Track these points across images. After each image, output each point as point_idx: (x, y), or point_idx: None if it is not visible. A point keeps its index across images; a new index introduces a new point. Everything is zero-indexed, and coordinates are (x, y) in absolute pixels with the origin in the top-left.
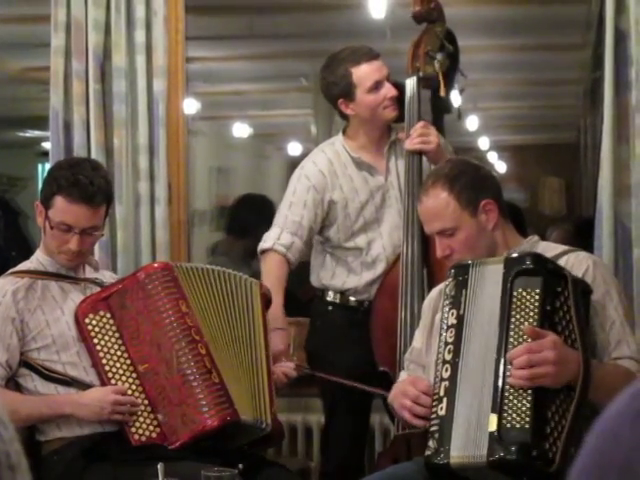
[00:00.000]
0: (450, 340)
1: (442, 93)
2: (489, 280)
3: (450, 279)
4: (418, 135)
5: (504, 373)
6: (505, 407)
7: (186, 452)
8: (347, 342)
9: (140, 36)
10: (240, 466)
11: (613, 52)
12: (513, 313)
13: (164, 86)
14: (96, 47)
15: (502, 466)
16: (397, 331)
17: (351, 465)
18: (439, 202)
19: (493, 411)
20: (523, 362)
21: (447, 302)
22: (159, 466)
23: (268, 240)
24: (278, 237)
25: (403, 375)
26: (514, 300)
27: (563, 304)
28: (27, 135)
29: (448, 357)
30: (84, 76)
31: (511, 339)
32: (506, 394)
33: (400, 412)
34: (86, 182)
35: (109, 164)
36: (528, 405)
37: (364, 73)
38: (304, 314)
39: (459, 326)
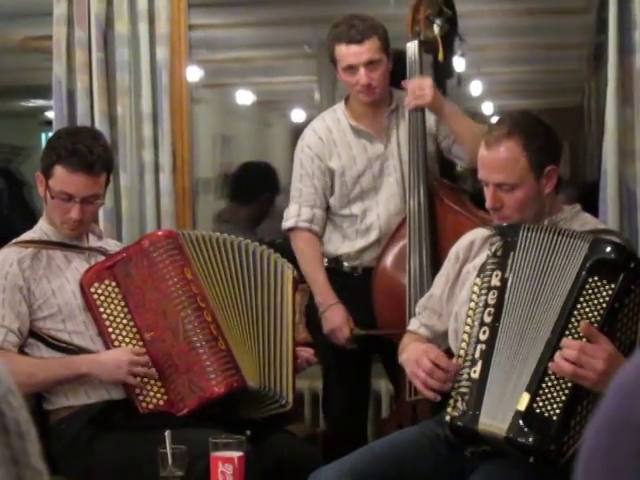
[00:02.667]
0: (492, 302)
1: (440, 58)
2: (565, 253)
3: (497, 237)
4: (411, 92)
5: (551, 357)
6: (541, 391)
7: (193, 419)
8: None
9: (142, 4)
10: (248, 432)
11: (617, 15)
12: (581, 300)
13: (167, 54)
14: (98, 15)
15: (516, 445)
16: (404, 295)
17: (353, 431)
18: (511, 155)
19: (528, 390)
20: (571, 357)
21: (492, 261)
22: (167, 433)
23: (290, 219)
24: (298, 213)
25: (414, 323)
26: (586, 287)
27: (631, 302)
28: (30, 104)
29: (487, 320)
30: (87, 44)
31: (570, 325)
32: (546, 379)
33: (412, 380)
34: (85, 151)
35: (113, 132)
36: (564, 398)
37: (341, 53)
38: None
39: (502, 289)
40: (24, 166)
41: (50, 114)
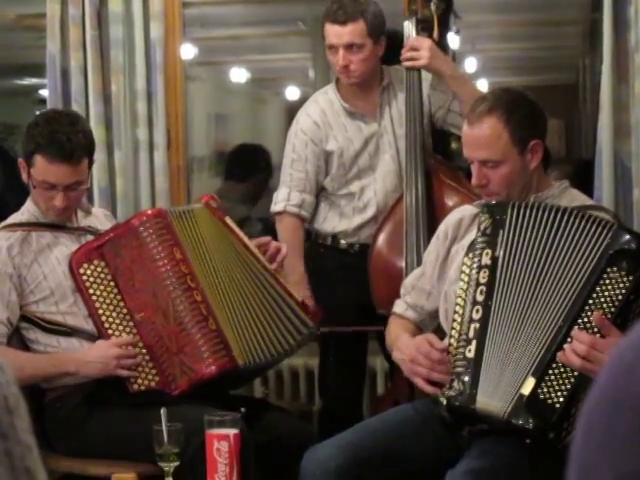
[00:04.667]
0: (483, 281)
1: (435, 37)
2: (578, 236)
3: (486, 216)
4: (407, 50)
5: (560, 344)
6: (547, 377)
7: (188, 397)
8: (339, 284)
9: None
10: (242, 410)
11: None
12: (597, 289)
13: (161, 31)
14: None
15: (515, 427)
16: (400, 273)
17: (349, 408)
18: (492, 132)
19: (533, 375)
20: (581, 351)
21: (481, 240)
22: (162, 411)
23: (279, 202)
24: (287, 198)
25: (400, 305)
26: (604, 277)
27: None
28: (24, 83)
29: (480, 298)
30: (80, 22)
31: (583, 314)
32: (553, 365)
33: (411, 378)
34: (63, 139)
35: (107, 110)
36: (569, 386)
37: (326, 31)
38: None
39: (493, 268)
40: (18, 144)
41: (44, 92)
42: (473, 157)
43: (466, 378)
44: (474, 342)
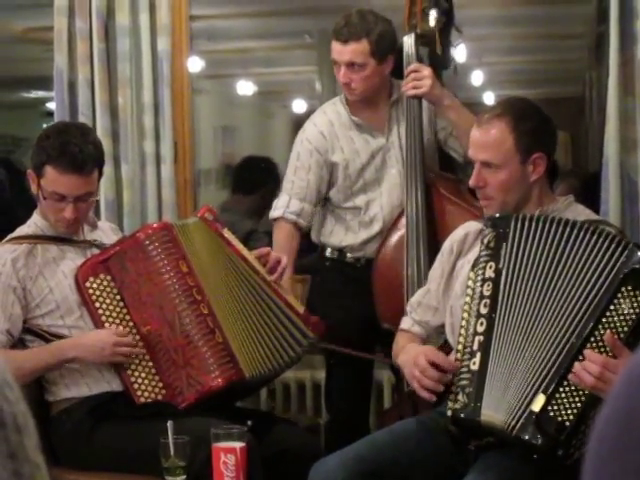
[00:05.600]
0: (487, 294)
1: (438, 50)
2: (588, 252)
3: (489, 229)
4: (410, 80)
5: (572, 362)
6: (557, 395)
7: (194, 409)
8: (345, 298)
9: None
10: (249, 423)
11: (618, 5)
12: (611, 308)
13: (168, 44)
14: (99, 6)
15: (523, 443)
16: (403, 287)
17: (355, 421)
18: (498, 135)
19: (544, 392)
20: (594, 372)
21: (485, 253)
22: (169, 424)
23: (278, 208)
24: (287, 205)
25: (407, 321)
26: (618, 295)
27: None
28: (31, 96)
29: (484, 311)
30: (88, 35)
31: (596, 332)
32: (564, 383)
33: (410, 381)
34: (75, 150)
35: (114, 123)
36: (579, 404)
37: (331, 46)
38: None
39: (497, 280)
40: (25, 157)
41: (51, 105)
42: (475, 157)
43: (470, 391)
44: (478, 354)
